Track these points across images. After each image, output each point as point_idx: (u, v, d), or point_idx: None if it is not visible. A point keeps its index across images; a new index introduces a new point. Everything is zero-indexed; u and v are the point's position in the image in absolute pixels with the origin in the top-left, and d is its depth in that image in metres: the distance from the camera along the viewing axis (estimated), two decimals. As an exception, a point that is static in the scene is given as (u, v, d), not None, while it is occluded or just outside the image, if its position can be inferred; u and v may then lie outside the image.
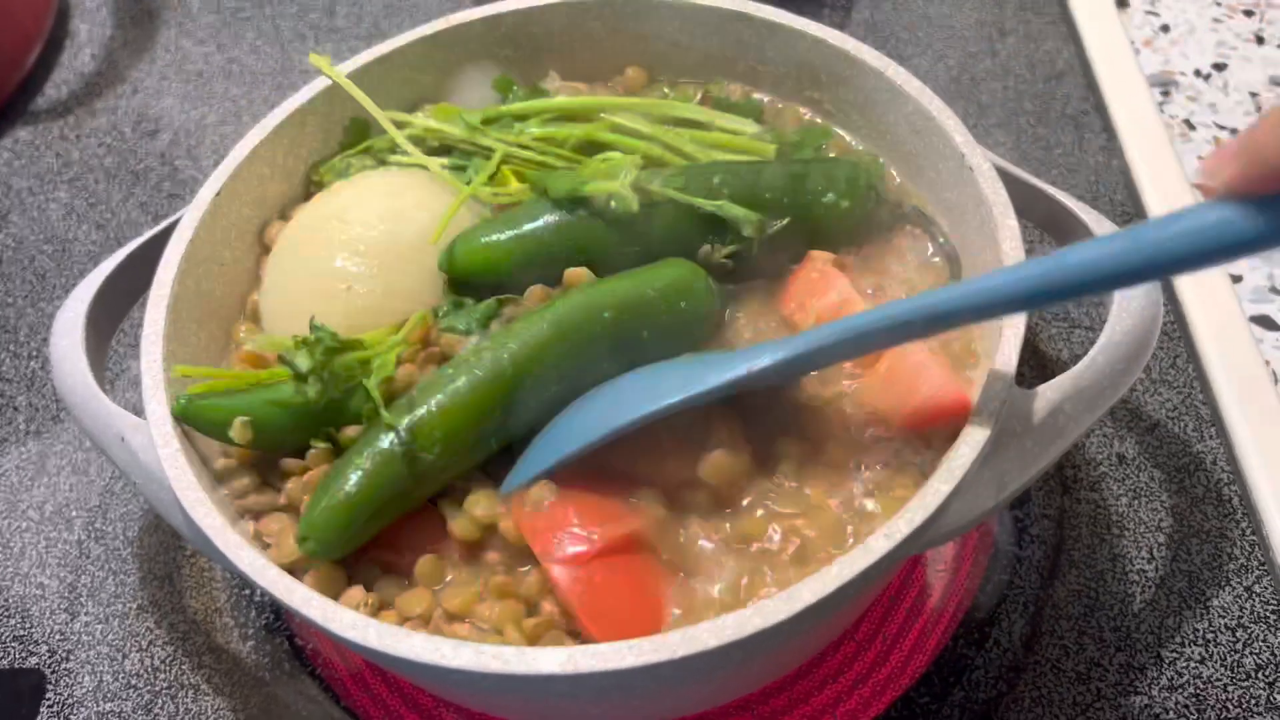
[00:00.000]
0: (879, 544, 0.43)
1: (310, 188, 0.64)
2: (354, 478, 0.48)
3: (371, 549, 0.50)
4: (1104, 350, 0.51)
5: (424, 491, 0.50)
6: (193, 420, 0.50)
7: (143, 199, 0.84)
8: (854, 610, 0.55)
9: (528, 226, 0.55)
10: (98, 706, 0.60)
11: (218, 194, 0.58)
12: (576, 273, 0.53)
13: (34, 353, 0.76)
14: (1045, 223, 0.60)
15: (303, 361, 0.49)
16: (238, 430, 0.49)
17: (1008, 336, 0.49)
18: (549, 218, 0.55)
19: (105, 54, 0.96)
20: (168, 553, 0.66)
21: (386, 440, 0.48)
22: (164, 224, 0.60)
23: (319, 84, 0.63)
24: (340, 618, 0.44)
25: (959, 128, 0.57)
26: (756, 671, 0.52)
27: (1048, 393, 0.50)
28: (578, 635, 0.47)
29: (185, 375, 0.52)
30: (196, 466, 0.49)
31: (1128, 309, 0.52)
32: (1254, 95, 0.87)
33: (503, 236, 0.55)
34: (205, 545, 0.48)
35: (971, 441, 0.46)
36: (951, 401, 0.50)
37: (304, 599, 0.44)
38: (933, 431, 0.51)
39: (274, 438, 0.51)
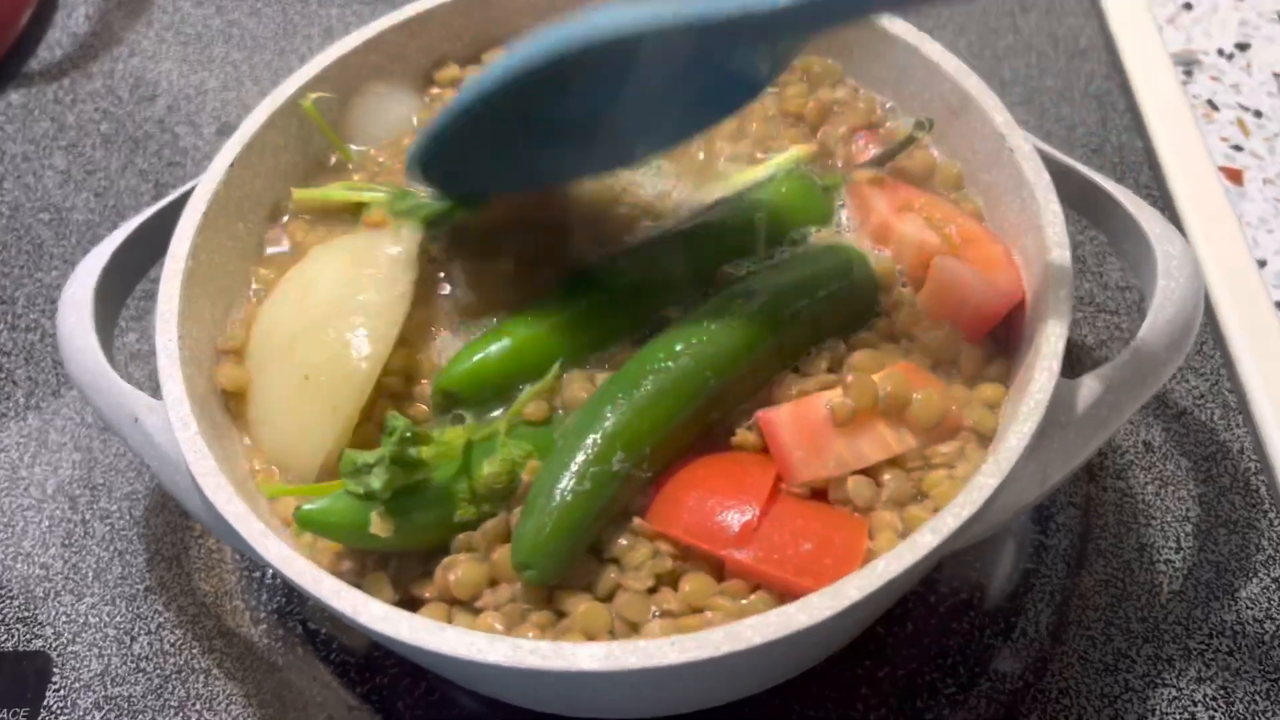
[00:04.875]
0: (925, 539, 0.42)
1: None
2: (571, 501, 0.45)
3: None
4: (1147, 339, 0.50)
5: (626, 502, 0.48)
6: (319, 527, 0.46)
7: (142, 167, 0.82)
8: (892, 601, 0.54)
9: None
10: (106, 690, 0.59)
11: (231, 165, 0.56)
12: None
13: (32, 324, 0.74)
14: (1079, 204, 0.58)
15: (377, 481, 0.45)
16: (378, 524, 0.45)
17: (1052, 325, 0.48)
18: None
19: (99, 15, 0.93)
20: (175, 533, 0.64)
21: (599, 460, 0.46)
22: (172, 196, 0.58)
23: (332, 52, 0.61)
24: (371, 610, 0.42)
25: (999, 107, 0.56)
26: (793, 661, 0.51)
27: (1091, 382, 0.49)
28: (784, 597, 0.45)
29: (276, 495, 0.49)
30: (216, 450, 0.48)
31: (1171, 296, 0.51)
32: (1277, 75, 0.85)
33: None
34: (226, 532, 0.46)
35: (1019, 433, 0.45)
36: (1000, 300, 0.52)
37: (333, 590, 0.43)
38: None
39: (417, 526, 0.47)
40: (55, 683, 0.59)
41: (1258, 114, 0.83)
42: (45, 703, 0.58)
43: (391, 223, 0.55)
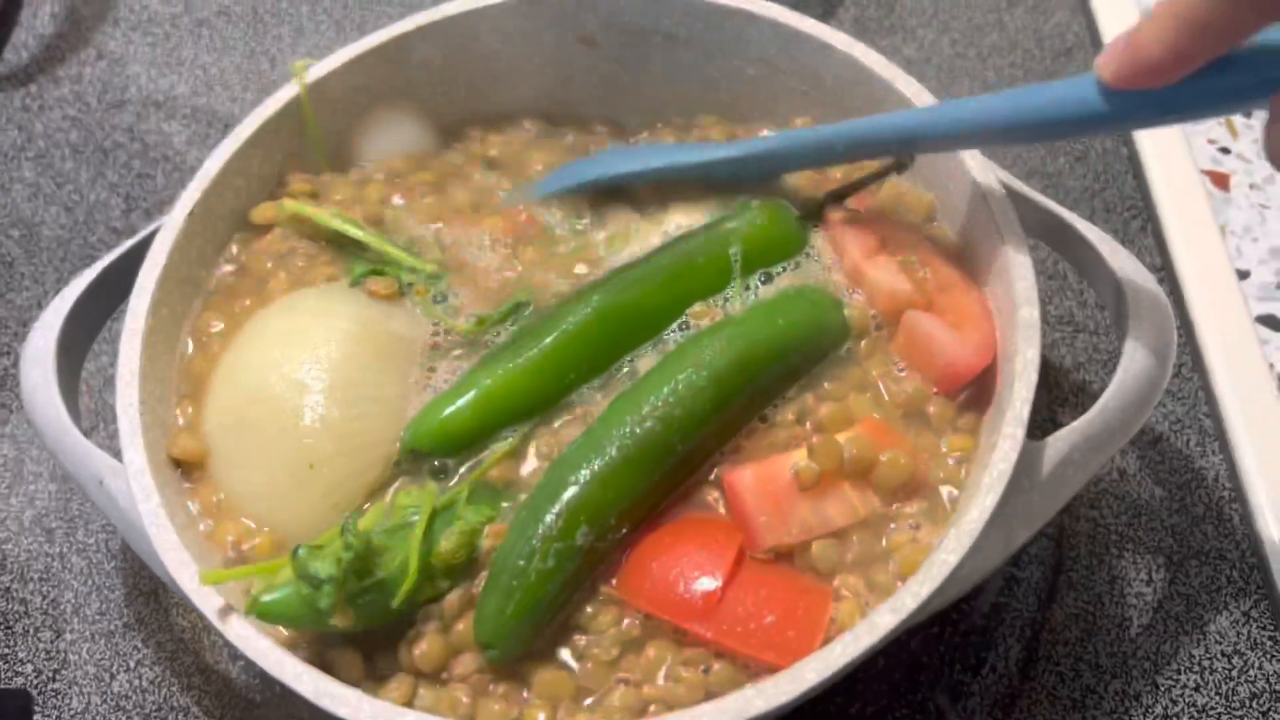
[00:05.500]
0: (884, 619, 0.43)
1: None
2: (535, 580, 0.45)
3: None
4: (1115, 395, 0.49)
5: (588, 576, 0.48)
6: (276, 618, 0.46)
7: (112, 179, 0.80)
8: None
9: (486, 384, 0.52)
10: (87, 729, 0.60)
11: (191, 213, 0.55)
12: None
13: (4, 349, 0.73)
14: (1055, 243, 0.58)
15: (325, 601, 0.44)
16: (339, 617, 0.44)
17: (1018, 389, 0.47)
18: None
19: (66, 13, 0.90)
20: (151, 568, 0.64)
21: (562, 535, 0.45)
22: (133, 240, 0.57)
23: (294, 88, 0.59)
24: (332, 693, 0.43)
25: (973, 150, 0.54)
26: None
27: (1057, 444, 0.49)
28: (748, 667, 0.46)
29: (216, 583, 0.47)
30: (180, 522, 0.48)
31: (1140, 351, 0.50)
32: (1268, 72, 0.84)
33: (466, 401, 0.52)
34: (192, 606, 0.46)
35: (981, 506, 0.45)
36: (972, 360, 0.51)
37: (295, 674, 0.43)
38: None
39: (378, 610, 0.46)
40: (37, 721, 0.60)
41: (1246, 113, 0.81)
42: (27, 742, 0.59)
43: (404, 300, 0.56)
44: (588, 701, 0.46)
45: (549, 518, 0.46)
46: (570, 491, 0.46)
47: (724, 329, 0.52)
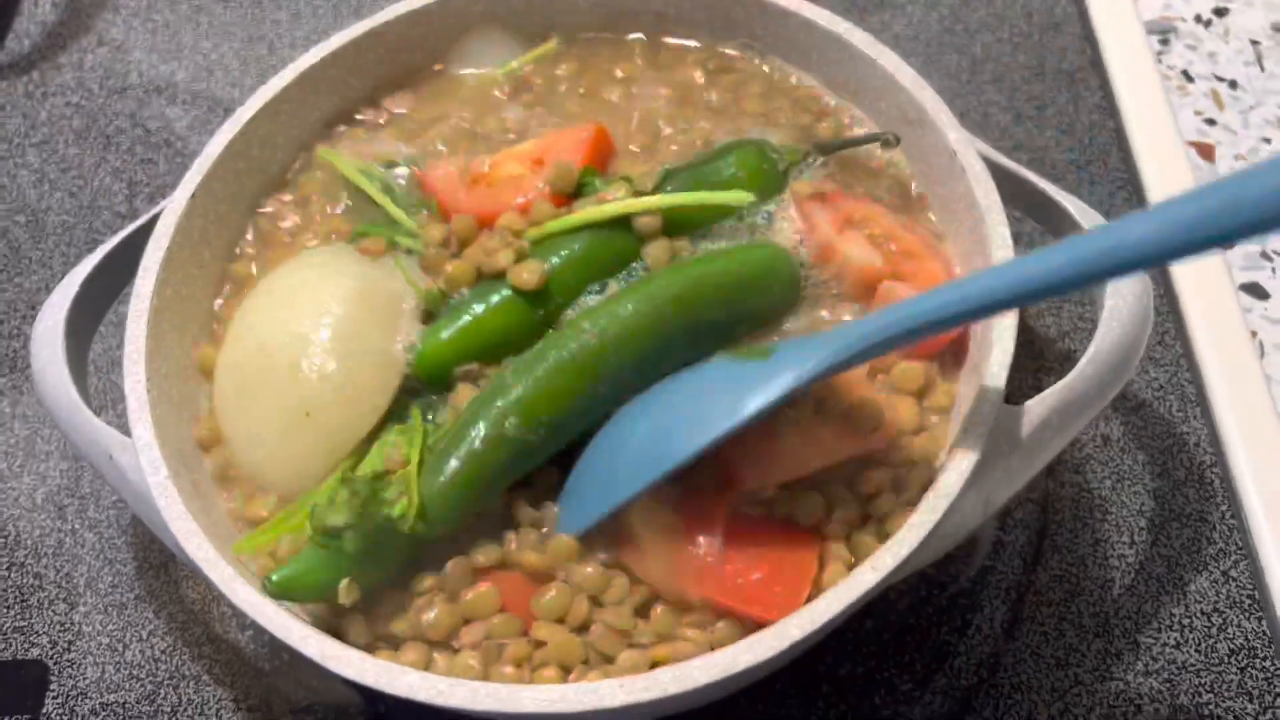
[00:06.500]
0: (866, 577, 0.44)
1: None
2: (464, 463, 0.48)
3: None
4: (1093, 360, 0.51)
5: (524, 470, 0.50)
6: (291, 595, 0.48)
7: (116, 165, 0.82)
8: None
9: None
10: (102, 698, 0.61)
11: (193, 195, 0.57)
12: None
13: (14, 331, 0.75)
14: (1035, 213, 0.59)
15: (350, 545, 0.47)
16: (346, 593, 0.47)
17: (995, 355, 0.49)
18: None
19: (67, 1, 0.92)
20: (161, 541, 0.66)
21: (493, 424, 0.48)
22: (138, 222, 0.59)
23: (289, 73, 0.61)
24: (337, 655, 0.44)
25: (952, 123, 0.56)
26: (747, 680, 0.54)
27: (1035, 408, 0.50)
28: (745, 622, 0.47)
29: (243, 552, 0.50)
30: (187, 494, 0.49)
31: (1118, 316, 0.52)
32: (1255, 43, 0.85)
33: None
34: (199, 573, 0.48)
35: (958, 469, 0.46)
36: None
37: (301, 637, 0.45)
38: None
39: (385, 558, 0.49)
40: (53, 690, 0.62)
41: (1233, 85, 0.82)
42: (45, 710, 0.61)
43: (390, 256, 0.57)
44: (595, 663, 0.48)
45: (481, 409, 0.49)
46: (503, 389, 0.49)
47: (678, 263, 0.54)
